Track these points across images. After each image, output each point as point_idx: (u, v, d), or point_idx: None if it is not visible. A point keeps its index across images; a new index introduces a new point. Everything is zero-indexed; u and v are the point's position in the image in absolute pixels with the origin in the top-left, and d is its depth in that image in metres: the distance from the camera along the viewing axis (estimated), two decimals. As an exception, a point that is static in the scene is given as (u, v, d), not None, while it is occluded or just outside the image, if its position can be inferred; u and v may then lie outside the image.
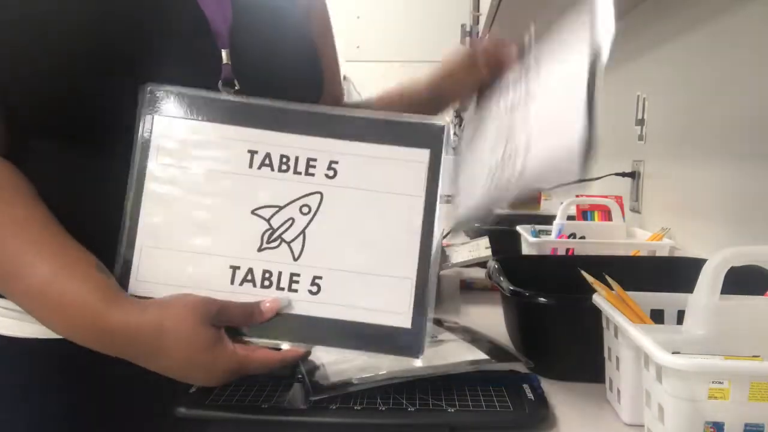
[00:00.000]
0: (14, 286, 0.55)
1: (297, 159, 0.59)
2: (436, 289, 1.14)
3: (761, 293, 0.59)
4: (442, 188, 0.59)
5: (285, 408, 0.58)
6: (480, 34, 2.29)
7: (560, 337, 0.69)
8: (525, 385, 0.63)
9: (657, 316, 0.63)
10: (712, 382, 0.46)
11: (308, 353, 0.59)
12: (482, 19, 1.93)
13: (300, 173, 0.59)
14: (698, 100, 1.06)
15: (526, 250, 1.12)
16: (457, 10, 2.44)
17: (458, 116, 4.56)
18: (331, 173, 0.59)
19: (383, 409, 0.58)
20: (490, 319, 0.97)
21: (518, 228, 1.16)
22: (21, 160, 0.60)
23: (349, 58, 2.53)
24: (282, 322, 0.58)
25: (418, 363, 0.60)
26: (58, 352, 0.62)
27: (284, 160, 0.59)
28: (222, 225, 0.59)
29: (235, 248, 0.58)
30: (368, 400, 0.59)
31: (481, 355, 0.66)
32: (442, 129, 0.60)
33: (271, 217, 0.59)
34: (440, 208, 0.59)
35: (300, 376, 0.62)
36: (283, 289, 0.58)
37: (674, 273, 0.83)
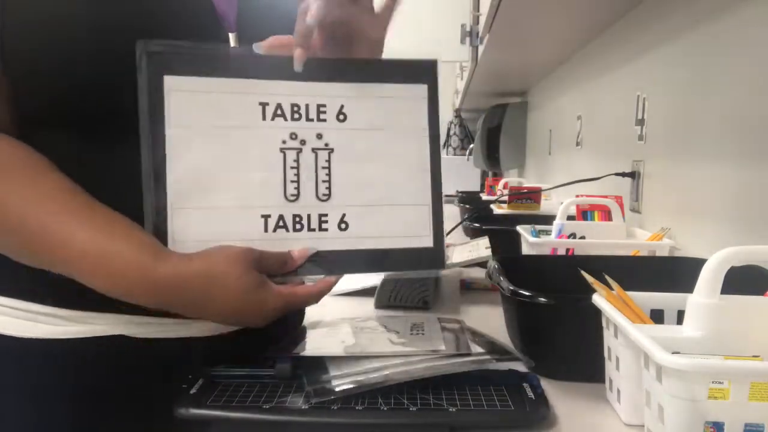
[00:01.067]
0: (57, 255, 0.55)
1: (307, 106, 0.61)
2: (436, 289, 1.14)
3: (761, 293, 0.59)
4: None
5: (286, 408, 0.58)
6: (480, 34, 2.29)
7: (560, 337, 0.69)
8: (525, 384, 0.63)
9: (657, 316, 0.63)
10: (712, 382, 0.46)
11: (338, 280, 0.63)
12: (482, 19, 1.92)
13: (312, 120, 0.61)
14: (698, 100, 1.06)
15: (526, 250, 1.12)
16: (457, 10, 2.43)
17: (458, 115, 4.55)
18: (342, 117, 0.62)
19: (385, 408, 0.58)
20: (490, 319, 0.97)
21: (518, 228, 1.16)
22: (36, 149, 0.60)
23: (349, 58, 2.52)
24: (315, 260, 0.62)
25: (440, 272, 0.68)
26: (59, 353, 0.62)
27: (295, 108, 0.61)
28: (245, 177, 0.60)
29: (263, 198, 0.61)
30: (369, 399, 0.60)
31: (481, 353, 0.66)
32: (434, 64, 0.65)
33: (292, 164, 0.61)
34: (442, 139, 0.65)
35: (300, 372, 0.62)
36: (314, 230, 0.62)
37: (674, 273, 0.83)
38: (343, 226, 0.62)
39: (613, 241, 1.11)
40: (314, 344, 0.69)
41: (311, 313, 1.00)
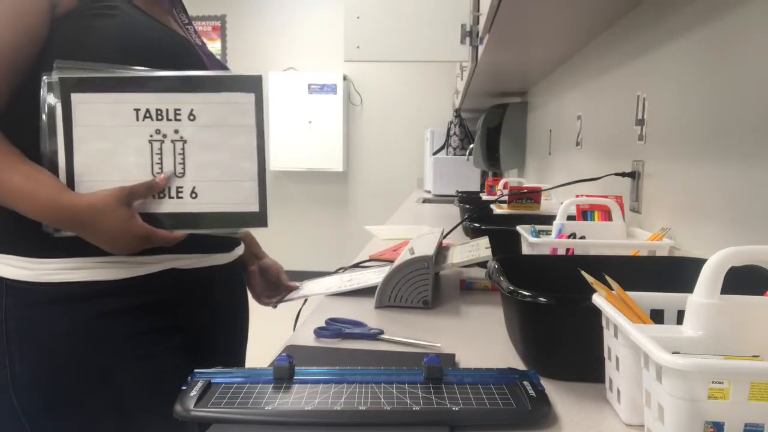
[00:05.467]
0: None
1: (167, 110, 0.84)
2: (436, 289, 1.14)
3: (761, 293, 0.59)
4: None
5: (288, 409, 0.58)
6: (480, 34, 2.28)
7: (560, 337, 0.69)
8: (526, 383, 0.64)
9: (657, 316, 0.63)
10: (712, 382, 0.46)
11: (183, 236, 0.86)
12: (482, 19, 1.92)
13: (171, 120, 0.85)
14: (698, 100, 1.06)
15: (526, 250, 1.12)
16: (457, 10, 2.43)
17: (458, 115, 4.52)
18: (192, 117, 0.85)
19: (387, 408, 0.58)
20: (490, 319, 0.97)
21: (518, 228, 1.16)
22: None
23: (349, 58, 2.52)
24: (176, 219, 0.86)
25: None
26: (130, 287, 0.87)
27: (159, 111, 0.84)
28: (125, 160, 0.84)
29: (137, 174, 0.84)
30: (372, 399, 0.60)
31: None
32: (259, 79, 0.87)
33: (157, 151, 0.85)
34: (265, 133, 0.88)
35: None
36: (173, 197, 0.86)
37: (674, 273, 0.83)
38: (193, 195, 0.86)
39: (613, 241, 1.11)
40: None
41: (309, 310, 1.00)
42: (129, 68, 0.84)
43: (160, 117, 0.84)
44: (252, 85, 0.86)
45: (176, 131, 0.84)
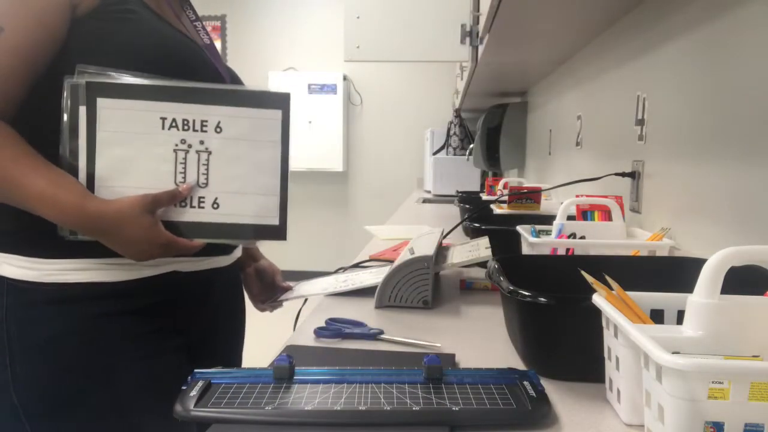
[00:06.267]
0: (19, 194, 0.79)
1: (194, 121, 0.85)
2: (436, 289, 1.14)
3: (761, 293, 0.59)
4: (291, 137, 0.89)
5: (288, 409, 0.58)
6: (480, 34, 2.28)
7: (560, 337, 0.69)
8: (526, 383, 0.64)
9: (657, 316, 0.63)
10: (712, 382, 0.46)
11: (201, 244, 0.87)
12: (482, 19, 1.92)
13: (197, 130, 0.85)
14: (698, 100, 1.06)
15: (526, 250, 1.12)
16: (457, 10, 2.43)
17: (458, 115, 4.51)
18: (218, 129, 0.86)
19: (387, 408, 0.58)
20: (490, 319, 0.97)
21: (518, 228, 1.16)
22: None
23: (349, 58, 2.52)
24: (198, 228, 0.87)
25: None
26: (135, 288, 0.87)
27: (185, 122, 0.85)
28: (147, 167, 0.84)
29: (160, 182, 0.84)
30: (372, 400, 0.60)
31: None
32: (288, 96, 0.88)
33: (181, 160, 0.85)
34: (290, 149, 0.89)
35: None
36: (194, 207, 0.86)
37: (674, 273, 0.83)
38: (215, 205, 0.87)
39: (613, 241, 1.11)
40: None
41: (309, 311, 1.00)
42: (149, 76, 0.84)
43: (186, 127, 0.84)
44: (280, 101, 0.87)
45: (202, 142, 0.85)
